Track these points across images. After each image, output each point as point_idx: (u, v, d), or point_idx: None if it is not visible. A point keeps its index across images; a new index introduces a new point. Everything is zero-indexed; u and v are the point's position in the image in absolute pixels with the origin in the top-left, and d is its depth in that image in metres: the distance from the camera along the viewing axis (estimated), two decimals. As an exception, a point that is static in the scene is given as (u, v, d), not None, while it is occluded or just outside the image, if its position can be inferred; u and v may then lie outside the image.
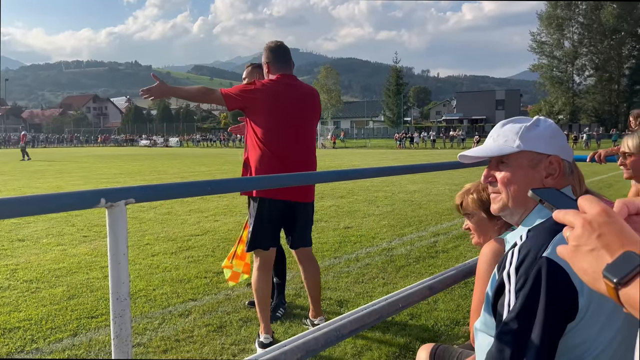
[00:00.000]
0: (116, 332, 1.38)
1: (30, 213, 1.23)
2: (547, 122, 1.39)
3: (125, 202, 1.35)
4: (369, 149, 45.56)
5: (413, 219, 8.01)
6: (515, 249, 1.23)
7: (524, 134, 1.35)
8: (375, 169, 2.72)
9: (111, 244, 1.35)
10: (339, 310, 3.98)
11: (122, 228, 1.36)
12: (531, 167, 1.35)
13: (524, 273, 1.16)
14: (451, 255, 5.67)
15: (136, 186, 1.43)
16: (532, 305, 1.13)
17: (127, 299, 1.39)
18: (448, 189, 11.94)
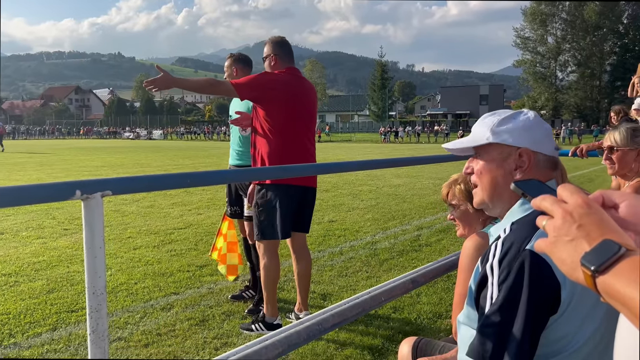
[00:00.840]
0: (92, 327, 1.35)
1: (3, 205, 1.19)
2: (527, 115, 1.38)
3: (101, 194, 1.31)
4: (353, 143, 45.61)
5: (397, 213, 8.04)
6: (499, 241, 1.23)
7: (495, 127, 1.36)
8: (360, 162, 2.71)
9: (87, 237, 1.32)
10: (322, 303, 3.97)
11: (99, 221, 1.32)
12: (501, 159, 1.35)
13: (507, 266, 1.16)
14: (434, 249, 5.69)
15: (113, 178, 1.40)
16: (514, 298, 1.13)
17: (104, 293, 1.35)
18: (432, 183, 12.00)
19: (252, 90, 3.14)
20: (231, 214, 4.19)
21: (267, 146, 3.24)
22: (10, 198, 1.17)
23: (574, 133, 44.72)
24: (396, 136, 49.71)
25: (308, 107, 3.38)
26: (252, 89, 3.14)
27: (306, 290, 3.55)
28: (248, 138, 3.85)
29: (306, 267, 3.52)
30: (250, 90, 3.13)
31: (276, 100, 3.20)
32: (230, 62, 3.96)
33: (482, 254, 1.32)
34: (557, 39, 67.49)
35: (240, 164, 4.00)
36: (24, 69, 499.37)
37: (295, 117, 3.27)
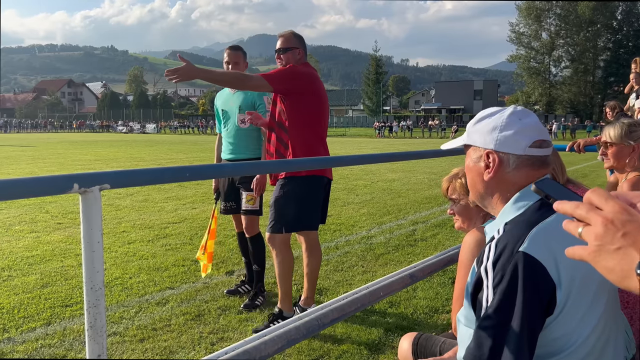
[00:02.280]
0: (90, 322, 1.33)
1: (8, 198, 1.17)
2: (502, 113, 1.33)
3: (99, 187, 1.29)
4: (348, 138, 45.59)
5: (392, 208, 8.04)
6: (492, 243, 1.22)
7: (469, 128, 1.37)
8: (356, 156, 2.70)
9: (85, 231, 1.29)
10: (319, 298, 3.96)
11: (97, 215, 1.30)
12: (476, 160, 1.35)
13: (501, 268, 1.15)
14: (430, 244, 5.70)
15: (111, 171, 1.38)
16: (510, 301, 1.12)
17: (102, 288, 1.33)
18: (427, 177, 12.02)
19: (285, 83, 3.18)
20: (226, 210, 4.10)
21: (299, 138, 3.25)
22: (8, 191, 1.15)
23: (567, 128, 44.90)
24: (390, 131, 49.74)
25: (326, 100, 3.48)
26: (285, 81, 3.17)
27: (315, 284, 3.56)
28: (246, 131, 3.86)
29: (318, 260, 3.52)
30: (283, 82, 3.17)
31: (307, 93, 3.27)
32: (241, 55, 3.93)
33: (481, 248, 1.31)
34: (551, 35, 67.65)
35: (233, 158, 3.95)
36: (16, 61, 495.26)
37: (322, 109, 3.38)
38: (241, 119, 3.86)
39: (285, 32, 3.39)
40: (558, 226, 1.22)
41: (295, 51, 3.35)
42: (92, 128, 75.85)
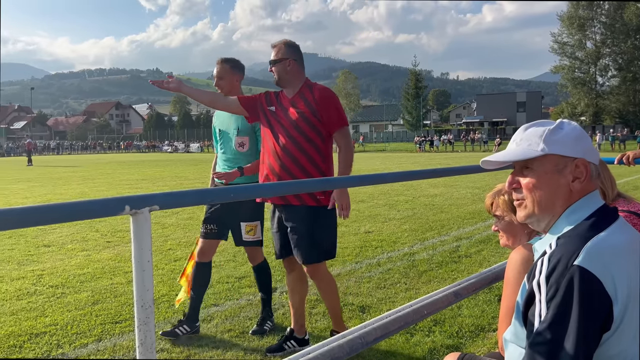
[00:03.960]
0: (141, 339, 1.37)
1: (56, 221, 1.23)
2: (571, 125, 1.35)
3: (149, 209, 1.34)
4: (388, 153, 45.39)
5: (435, 223, 7.94)
6: (545, 257, 1.20)
7: (547, 137, 1.31)
8: (396, 173, 2.69)
9: (135, 251, 1.35)
10: (362, 316, 3.95)
11: (146, 235, 1.35)
12: (557, 171, 1.30)
13: (555, 282, 1.13)
14: (474, 260, 5.59)
15: (160, 193, 1.43)
16: (564, 316, 1.10)
17: (152, 306, 1.38)
18: (470, 192, 11.82)
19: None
20: (205, 234, 3.74)
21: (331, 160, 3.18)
22: (64, 214, 1.21)
23: (616, 139, 43.36)
24: (431, 145, 49.26)
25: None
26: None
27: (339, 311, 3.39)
28: (244, 155, 3.65)
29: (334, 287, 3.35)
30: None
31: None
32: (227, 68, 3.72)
33: (529, 266, 1.29)
34: (597, 43, 65.72)
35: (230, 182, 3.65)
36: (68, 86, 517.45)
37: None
38: (239, 142, 3.67)
39: (278, 42, 3.23)
40: (613, 240, 1.20)
41: (286, 62, 3.16)
42: (139, 148, 78.12)
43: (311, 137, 3.09)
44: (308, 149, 3.08)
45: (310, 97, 3.12)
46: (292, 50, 3.19)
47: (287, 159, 3.08)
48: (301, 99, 3.13)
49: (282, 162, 3.07)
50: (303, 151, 3.08)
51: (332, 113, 3.12)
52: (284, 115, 3.13)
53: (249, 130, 3.66)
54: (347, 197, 3.06)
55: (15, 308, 4.23)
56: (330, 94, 3.18)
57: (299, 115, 3.08)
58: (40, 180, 19.09)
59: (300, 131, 3.08)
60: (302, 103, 3.11)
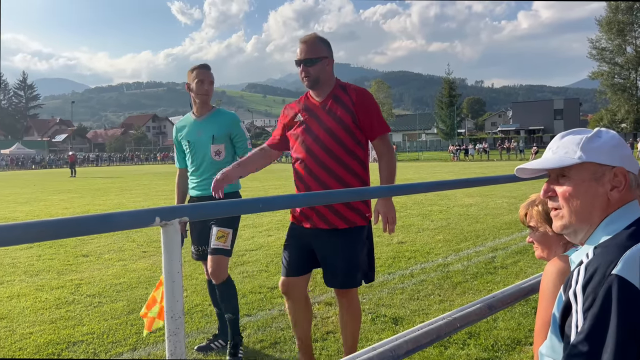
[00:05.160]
0: (171, 350, 1.38)
1: (91, 232, 1.26)
2: (610, 133, 1.32)
3: (179, 220, 1.36)
4: (421, 162, 45.01)
5: (469, 234, 7.81)
6: (582, 266, 1.16)
7: (585, 145, 1.28)
8: (430, 183, 2.65)
9: (166, 261, 1.36)
10: (394, 327, 3.89)
11: (176, 246, 1.37)
12: (594, 179, 1.27)
13: (592, 292, 1.09)
14: (510, 272, 5.47)
15: (189, 205, 1.45)
16: (602, 327, 1.06)
17: (182, 317, 1.39)
18: (506, 202, 11.59)
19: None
20: (198, 255, 3.67)
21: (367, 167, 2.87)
22: (99, 225, 1.23)
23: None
24: (466, 154, 48.63)
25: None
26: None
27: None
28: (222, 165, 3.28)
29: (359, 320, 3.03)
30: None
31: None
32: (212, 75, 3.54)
33: (564, 278, 1.26)
34: (637, 48, 63.90)
35: (200, 195, 3.50)
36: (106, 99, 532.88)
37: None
38: (215, 150, 3.44)
39: (309, 37, 2.79)
40: None
41: (325, 61, 2.76)
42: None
43: (351, 148, 2.74)
44: (349, 162, 2.74)
45: (346, 99, 2.74)
46: (328, 47, 2.82)
47: (327, 176, 2.72)
48: (336, 102, 2.75)
49: (322, 180, 2.72)
50: (344, 165, 2.73)
51: (373, 118, 2.77)
52: (317, 123, 2.75)
53: (224, 137, 3.46)
54: (394, 210, 2.74)
55: (55, 317, 4.34)
56: (369, 96, 2.82)
57: (336, 123, 2.71)
58: (80, 191, 19.64)
59: (338, 142, 2.71)
60: (337, 107, 2.74)
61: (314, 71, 2.72)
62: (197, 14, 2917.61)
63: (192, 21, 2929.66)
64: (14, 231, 1.10)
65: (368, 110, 2.76)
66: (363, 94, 2.79)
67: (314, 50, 2.73)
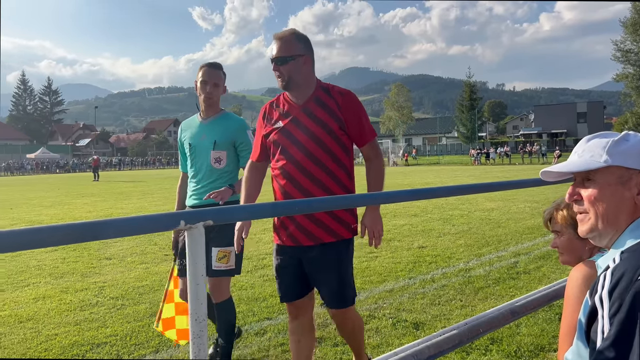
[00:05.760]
0: (195, 352, 1.40)
1: (116, 235, 1.28)
2: (638, 137, 1.30)
3: (203, 223, 1.37)
4: (442, 166, 44.69)
5: (491, 238, 7.72)
6: (608, 271, 1.15)
7: (611, 149, 1.27)
8: (451, 187, 2.64)
9: (190, 265, 1.38)
10: (415, 333, 3.87)
11: (200, 249, 1.38)
12: (620, 183, 1.26)
13: (619, 297, 1.08)
14: (533, 277, 5.39)
15: (213, 208, 1.46)
16: (628, 332, 1.04)
17: (205, 319, 1.41)
18: (529, 206, 11.44)
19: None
20: (182, 271, 3.30)
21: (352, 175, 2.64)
22: (124, 229, 1.26)
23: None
24: (487, 157, 48.15)
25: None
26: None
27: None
28: (221, 173, 3.22)
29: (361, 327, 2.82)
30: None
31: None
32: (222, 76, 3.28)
33: (590, 284, 1.24)
34: (664, 50, 62.63)
35: (197, 204, 3.25)
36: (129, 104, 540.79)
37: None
38: (215, 157, 3.21)
39: (284, 33, 2.53)
40: None
41: (300, 59, 2.49)
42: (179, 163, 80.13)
43: (337, 155, 2.53)
44: (335, 170, 2.52)
45: (330, 102, 2.52)
46: (305, 44, 2.53)
47: (310, 184, 2.50)
48: (318, 105, 2.52)
49: (304, 187, 2.50)
50: (329, 172, 2.51)
51: (362, 123, 2.56)
52: (298, 128, 2.52)
53: (227, 144, 3.22)
54: (381, 223, 2.54)
55: (79, 318, 4.41)
56: (355, 99, 2.59)
57: (320, 127, 2.49)
58: (103, 195, 19.92)
59: (323, 147, 2.50)
60: (320, 111, 2.51)
61: (287, 71, 2.47)
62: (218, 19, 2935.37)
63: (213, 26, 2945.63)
64: (39, 234, 1.13)
65: (356, 115, 2.54)
66: (349, 98, 2.55)
67: (288, 48, 2.47)
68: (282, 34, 2.50)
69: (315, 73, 2.59)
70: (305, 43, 2.51)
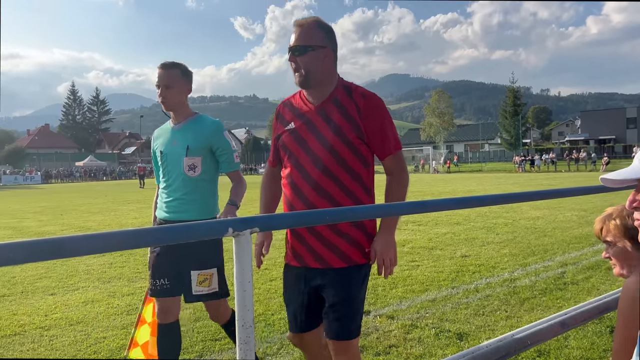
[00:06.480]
0: (241, 357, 1.42)
1: (168, 241, 1.32)
2: None
3: (250, 231, 1.40)
4: (485, 173, 43.85)
5: (537, 248, 7.52)
6: None
7: None
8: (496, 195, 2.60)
9: (237, 271, 1.40)
10: (459, 343, 3.80)
11: (248, 256, 1.41)
12: None
13: None
14: (582, 288, 5.22)
15: (260, 216, 1.49)
16: None
17: (252, 325, 1.43)
18: (576, 215, 11.10)
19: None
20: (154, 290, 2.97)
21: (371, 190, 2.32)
22: (175, 235, 1.29)
23: None
24: (532, 164, 46.99)
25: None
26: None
27: None
28: (197, 182, 2.97)
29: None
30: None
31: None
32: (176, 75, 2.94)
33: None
34: None
35: (168, 218, 2.99)
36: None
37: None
38: (189, 164, 2.92)
39: (305, 20, 2.20)
40: None
41: (321, 52, 2.16)
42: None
43: (352, 165, 2.18)
44: (348, 182, 2.19)
45: (350, 106, 2.17)
46: (328, 34, 2.20)
47: (317, 197, 2.19)
48: (336, 107, 2.18)
49: (310, 201, 2.19)
50: (341, 185, 2.18)
51: (385, 133, 2.20)
52: (310, 132, 2.20)
53: (202, 149, 2.94)
54: (394, 249, 2.22)
55: (126, 322, 4.53)
56: (380, 103, 2.22)
57: (334, 134, 2.15)
58: (149, 202, 20.41)
59: (335, 156, 2.17)
60: (337, 114, 2.17)
61: (305, 63, 2.14)
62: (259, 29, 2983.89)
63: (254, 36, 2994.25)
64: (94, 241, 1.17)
65: (379, 124, 2.18)
66: (372, 102, 2.19)
67: (308, 37, 2.13)
68: (303, 21, 2.19)
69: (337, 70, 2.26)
70: (328, 33, 2.19)
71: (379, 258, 2.18)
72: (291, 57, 2.15)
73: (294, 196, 2.23)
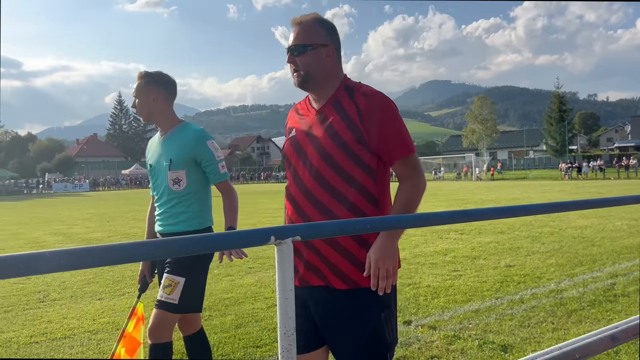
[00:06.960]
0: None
1: (214, 249, 1.35)
2: None
3: (292, 239, 1.41)
4: (529, 181, 42.78)
5: (585, 258, 7.28)
6: None
7: None
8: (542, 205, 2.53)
9: (279, 279, 1.42)
10: (503, 355, 3.72)
11: (289, 264, 1.42)
12: None
13: None
14: (633, 300, 5.02)
15: (302, 224, 1.50)
16: None
17: (294, 333, 1.43)
18: (626, 224, 10.70)
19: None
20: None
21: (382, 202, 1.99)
22: (218, 243, 1.32)
23: None
24: (579, 172, 45.58)
25: None
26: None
27: None
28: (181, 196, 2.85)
29: None
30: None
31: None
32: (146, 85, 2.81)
33: None
34: None
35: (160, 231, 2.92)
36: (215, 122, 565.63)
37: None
38: (173, 177, 2.80)
39: (304, 17, 2.00)
40: None
41: (322, 51, 1.96)
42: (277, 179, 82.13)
43: (352, 174, 1.91)
44: (349, 194, 1.91)
45: (350, 107, 1.93)
46: (330, 31, 2.00)
47: (315, 212, 1.94)
48: (335, 109, 1.96)
49: (308, 217, 1.94)
50: (340, 197, 1.91)
51: (390, 136, 1.91)
52: (308, 138, 1.98)
53: (185, 161, 2.80)
54: (394, 258, 1.86)
55: (170, 327, 4.62)
56: (384, 103, 1.93)
57: (329, 138, 1.92)
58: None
59: (332, 165, 1.92)
60: (335, 116, 1.94)
61: (304, 63, 1.95)
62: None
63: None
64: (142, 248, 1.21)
65: (380, 124, 1.89)
66: (374, 101, 1.91)
67: (307, 35, 1.95)
68: (301, 18, 1.99)
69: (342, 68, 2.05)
70: (329, 30, 1.99)
71: (373, 267, 1.83)
72: (289, 57, 1.97)
73: (294, 213, 2.00)
